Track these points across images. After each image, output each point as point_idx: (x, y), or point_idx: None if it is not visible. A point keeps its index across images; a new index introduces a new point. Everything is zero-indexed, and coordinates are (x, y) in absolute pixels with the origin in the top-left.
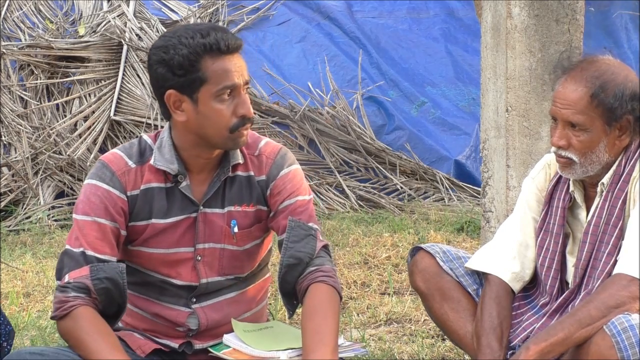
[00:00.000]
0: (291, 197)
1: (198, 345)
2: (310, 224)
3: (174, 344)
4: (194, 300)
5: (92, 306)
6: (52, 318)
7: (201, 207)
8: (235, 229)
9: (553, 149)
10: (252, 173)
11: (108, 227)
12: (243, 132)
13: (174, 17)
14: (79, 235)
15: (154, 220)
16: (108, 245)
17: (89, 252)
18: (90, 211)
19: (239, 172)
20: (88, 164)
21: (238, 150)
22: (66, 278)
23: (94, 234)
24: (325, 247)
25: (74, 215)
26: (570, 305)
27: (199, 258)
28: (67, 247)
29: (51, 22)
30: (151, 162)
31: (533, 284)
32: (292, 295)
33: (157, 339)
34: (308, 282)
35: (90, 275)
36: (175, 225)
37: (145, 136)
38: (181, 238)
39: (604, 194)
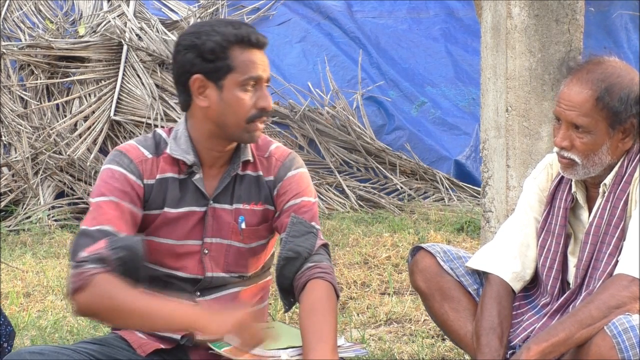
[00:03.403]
0: (296, 197)
1: (200, 337)
2: (312, 223)
3: (176, 336)
4: (198, 293)
5: (112, 275)
6: (69, 294)
7: (211, 202)
8: (243, 225)
9: (555, 149)
10: (261, 173)
11: (126, 207)
12: (258, 126)
13: (174, 17)
14: (96, 215)
15: (166, 209)
16: (125, 224)
17: (106, 227)
18: (108, 192)
19: (249, 172)
20: (88, 164)
21: (249, 148)
22: (82, 254)
23: (112, 212)
24: (325, 246)
25: (90, 200)
26: (571, 306)
27: (206, 252)
28: (83, 227)
29: (51, 22)
30: (167, 150)
31: (534, 284)
32: (290, 292)
33: (159, 333)
34: (306, 279)
35: (108, 247)
36: (186, 216)
37: (159, 130)
38: (190, 231)
39: (605, 194)
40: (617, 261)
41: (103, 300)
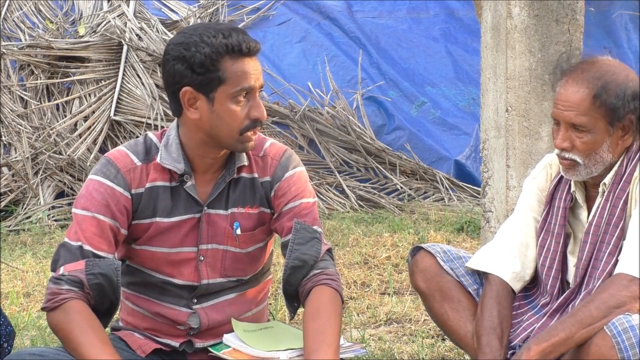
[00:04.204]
0: (295, 199)
1: (199, 344)
2: (314, 227)
3: (175, 343)
4: (195, 300)
5: (84, 301)
6: (42, 309)
7: (205, 208)
8: (238, 231)
9: (556, 151)
10: (256, 175)
11: (107, 224)
12: (251, 137)
13: (174, 17)
14: (78, 230)
15: (157, 219)
16: (105, 242)
17: (86, 247)
18: (91, 207)
19: (243, 174)
20: (88, 164)
21: (244, 152)
22: (61, 270)
23: (93, 229)
24: (329, 250)
25: (73, 209)
26: (570, 305)
27: (202, 258)
28: (66, 239)
29: (51, 22)
30: (157, 160)
31: (533, 284)
32: (294, 297)
33: (157, 339)
34: (312, 285)
35: (85, 270)
36: (179, 224)
37: (150, 134)
38: (185, 238)
39: (605, 194)
40: (616, 260)
41: (62, 328)
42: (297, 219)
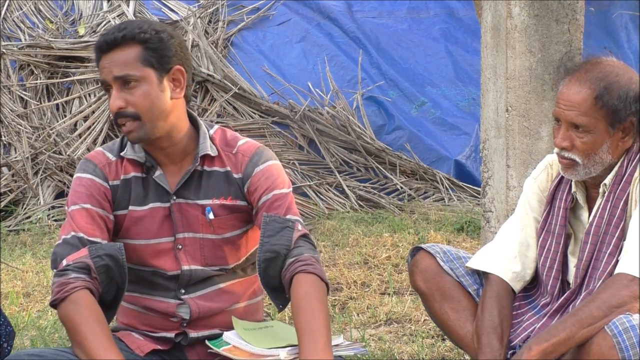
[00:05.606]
0: (267, 192)
1: (193, 334)
2: (287, 217)
3: (170, 335)
4: (183, 291)
5: (93, 290)
6: (51, 304)
7: (174, 197)
8: (211, 215)
9: (556, 150)
10: (229, 169)
11: (95, 212)
12: (125, 129)
13: (174, 17)
14: (71, 223)
15: (131, 208)
16: (98, 229)
17: (80, 235)
18: (78, 200)
19: (217, 167)
20: None
21: (207, 143)
22: (64, 263)
23: (84, 219)
24: (305, 236)
25: (65, 209)
26: (571, 306)
27: (180, 247)
28: (61, 236)
29: (51, 22)
30: (122, 153)
31: (534, 284)
32: (282, 290)
33: (154, 334)
34: (289, 275)
35: (90, 254)
36: (152, 213)
37: None
38: (160, 228)
39: (605, 194)
40: (617, 261)
41: (70, 320)
42: (266, 213)
